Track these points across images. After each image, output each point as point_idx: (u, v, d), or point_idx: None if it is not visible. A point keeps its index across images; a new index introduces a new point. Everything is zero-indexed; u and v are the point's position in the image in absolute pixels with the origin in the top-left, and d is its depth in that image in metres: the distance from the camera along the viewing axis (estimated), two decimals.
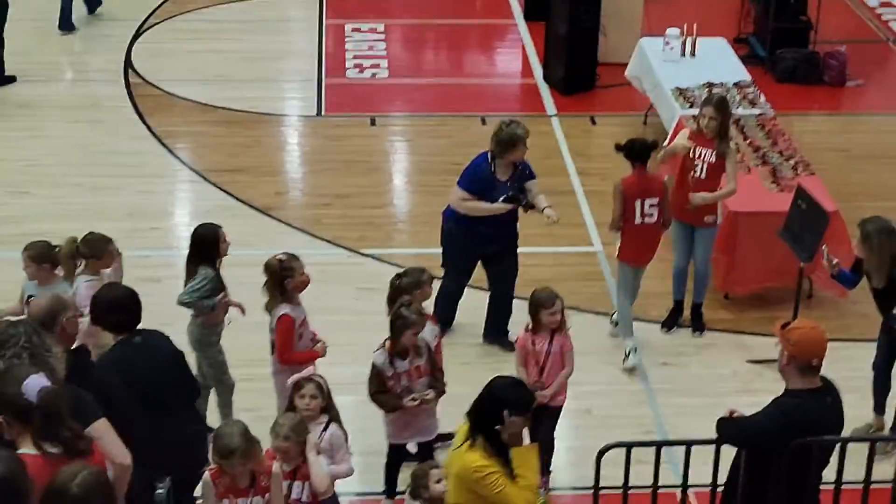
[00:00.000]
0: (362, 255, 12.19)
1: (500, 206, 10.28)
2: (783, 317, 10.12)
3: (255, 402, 9.45)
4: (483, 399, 6.95)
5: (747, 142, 12.38)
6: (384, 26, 17.36)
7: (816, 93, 15.73)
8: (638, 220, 10.35)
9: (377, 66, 16.23)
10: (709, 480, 7.81)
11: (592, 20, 15.28)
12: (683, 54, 14.20)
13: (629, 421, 9.98)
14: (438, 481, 7.38)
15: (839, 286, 11.11)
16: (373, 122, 14.78)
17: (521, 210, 10.42)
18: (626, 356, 10.63)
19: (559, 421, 9.12)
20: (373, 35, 17.10)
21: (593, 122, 14.93)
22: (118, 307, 7.70)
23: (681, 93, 13.36)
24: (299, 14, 17.74)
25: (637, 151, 10.28)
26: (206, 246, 9.15)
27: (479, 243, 10.39)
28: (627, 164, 11.77)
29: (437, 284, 9.76)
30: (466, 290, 10.92)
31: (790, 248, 10.46)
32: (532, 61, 16.38)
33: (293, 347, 8.95)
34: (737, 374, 10.61)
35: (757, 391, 10.19)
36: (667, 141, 12.15)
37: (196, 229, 9.27)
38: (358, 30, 17.24)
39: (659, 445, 7.83)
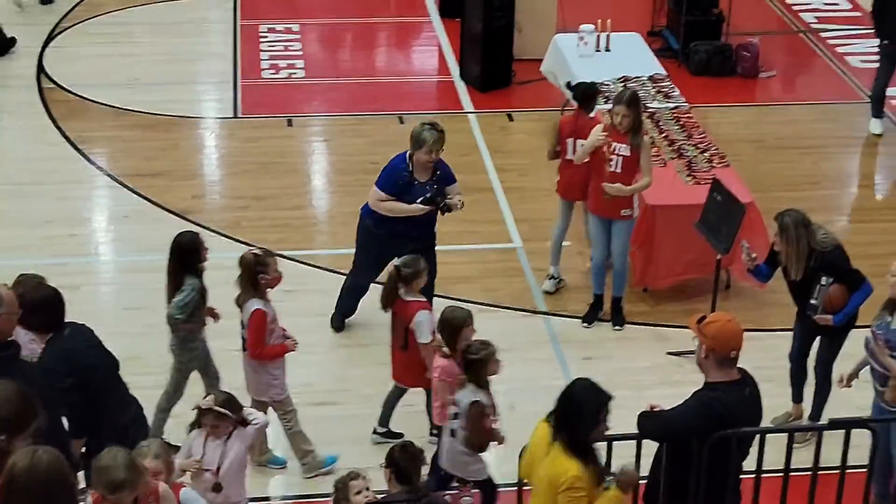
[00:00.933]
0: (282, 257, 12.15)
1: (417, 208, 10.32)
2: (702, 309, 10.28)
3: (175, 409, 9.40)
4: (575, 403, 6.91)
5: (662, 135, 12.50)
6: (299, 26, 17.32)
7: (730, 85, 15.92)
8: (569, 156, 11.20)
9: (293, 66, 16.20)
10: None
11: (507, 17, 15.36)
12: (598, 49, 14.31)
13: None
14: (359, 493, 7.32)
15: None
16: (290, 123, 14.75)
17: (439, 213, 10.44)
18: (547, 278, 11.55)
19: None
20: (288, 35, 17.06)
21: (510, 119, 15.01)
22: (45, 307, 7.65)
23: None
24: (213, 15, 17.65)
25: (579, 94, 11.49)
26: (188, 254, 9.07)
27: (397, 242, 10.42)
28: (545, 162, 11.92)
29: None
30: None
31: (707, 240, 10.60)
32: (448, 59, 16.43)
33: (265, 343, 8.97)
34: (657, 367, 10.72)
35: (678, 383, 10.31)
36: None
37: (175, 238, 9.17)
38: (273, 30, 17.19)
39: None
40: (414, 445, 7.60)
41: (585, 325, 11.24)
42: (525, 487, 7.61)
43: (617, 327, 11.21)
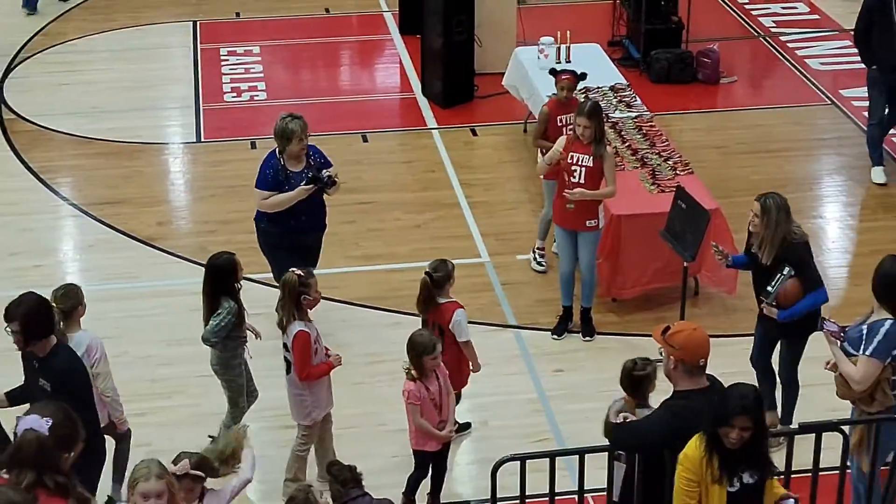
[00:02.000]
0: (250, 280, 12.14)
1: (301, 190, 10.46)
2: (670, 317, 10.37)
3: (147, 438, 9.40)
4: (721, 401, 6.87)
5: (625, 144, 12.56)
6: (259, 48, 17.32)
7: (691, 91, 16.00)
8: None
9: (254, 88, 16.19)
10: (605, 484, 7.93)
11: (466, 32, 15.39)
12: (559, 61, 14.35)
13: (525, 430, 10.07)
14: None
15: (726, 283, 11.37)
16: (253, 146, 14.73)
17: (326, 193, 10.60)
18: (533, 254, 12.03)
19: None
20: (248, 58, 17.06)
21: (474, 134, 15.04)
22: (42, 314, 7.81)
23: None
24: (172, 40, 17.63)
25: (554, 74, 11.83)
26: (225, 276, 9.12)
27: (295, 236, 10.58)
28: (510, 176, 11.98)
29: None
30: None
31: (673, 248, 10.65)
32: (410, 75, 16.46)
33: (311, 363, 9.01)
34: None
35: None
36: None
37: (211, 260, 9.22)
38: (233, 53, 17.18)
39: (552, 456, 7.92)
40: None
41: (555, 337, 11.27)
42: None
43: (587, 338, 11.24)
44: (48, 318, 7.91)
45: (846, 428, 8.22)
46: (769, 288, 9.19)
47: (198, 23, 18.07)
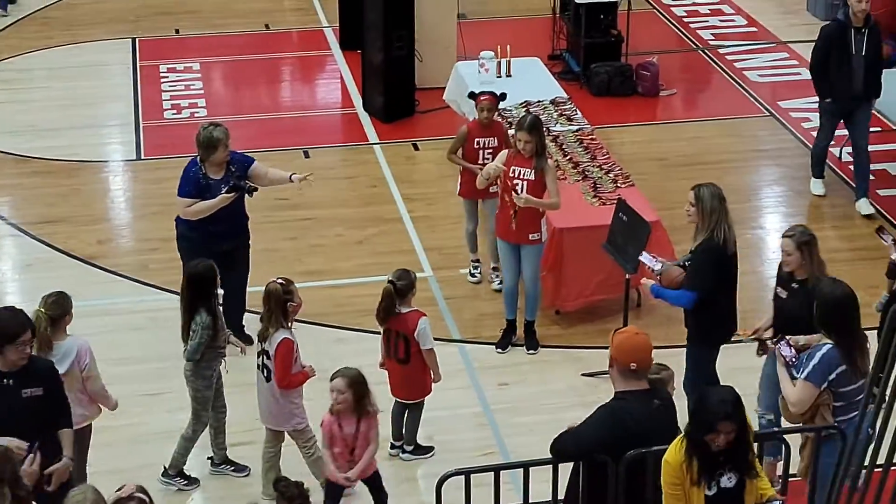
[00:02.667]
0: None
1: (223, 198, 10.60)
2: (613, 328, 10.37)
3: (88, 459, 9.31)
4: (701, 405, 6.95)
5: (567, 158, 12.62)
6: (199, 65, 17.28)
7: (631, 104, 16.11)
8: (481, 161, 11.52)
9: (195, 105, 16.14)
10: (550, 497, 7.96)
11: (407, 47, 15.43)
12: (499, 75, 14.42)
13: (471, 444, 10.10)
14: None
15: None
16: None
17: (248, 196, 10.71)
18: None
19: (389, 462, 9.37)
20: (188, 74, 17.01)
21: (416, 148, 15.07)
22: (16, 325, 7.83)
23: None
24: (111, 58, 17.53)
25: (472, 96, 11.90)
26: (203, 284, 9.17)
27: (214, 242, 10.64)
28: (452, 190, 12.03)
29: None
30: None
31: (615, 260, 10.72)
32: (351, 91, 16.47)
33: (291, 372, 9.08)
34: (573, 389, 10.79)
35: (593, 403, 10.17)
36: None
37: (189, 270, 9.28)
38: (173, 69, 17.12)
39: (497, 469, 7.94)
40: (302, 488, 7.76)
41: (500, 351, 11.30)
42: None
43: (531, 351, 11.28)
44: None
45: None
46: (657, 265, 9.41)
47: (137, 40, 18.00)
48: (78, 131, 15.45)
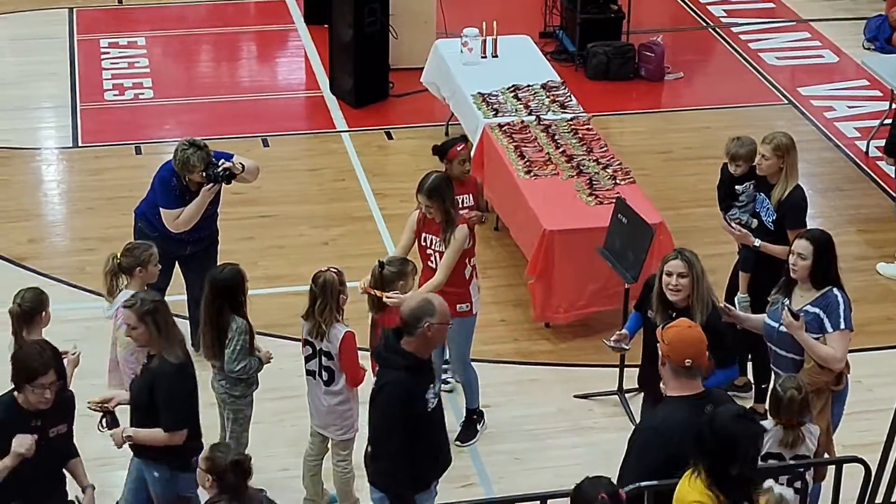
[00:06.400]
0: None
1: (205, 193, 10.60)
2: None
3: None
4: (727, 438, 6.90)
5: (559, 150, 12.63)
6: (145, 40, 17.26)
7: (633, 89, 16.17)
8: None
9: (140, 85, 16.15)
10: None
11: (380, 22, 15.44)
12: (485, 55, 14.45)
13: (451, 474, 10.05)
14: None
15: None
16: (138, 151, 14.69)
17: (225, 183, 10.70)
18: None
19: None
20: (132, 50, 17.00)
21: (389, 137, 15.09)
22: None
23: (484, 99, 13.59)
24: (44, 31, 17.50)
25: (442, 152, 10.79)
26: (231, 291, 9.16)
27: (178, 246, 10.74)
28: None
29: None
30: None
31: (612, 267, 10.74)
32: (317, 71, 16.48)
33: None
34: (564, 412, 10.79)
35: (587, 429, 10.47)
36: (473, 150, 12.19)
37: (213, 276, 9.26)
38: (115, 45, 17.11)
39: None
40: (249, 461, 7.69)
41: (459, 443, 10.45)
42: None
43: (458, 443, 10.29)
44: None
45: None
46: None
47: (74, 10, 17.99)
48: (6, 115, 15.44)
